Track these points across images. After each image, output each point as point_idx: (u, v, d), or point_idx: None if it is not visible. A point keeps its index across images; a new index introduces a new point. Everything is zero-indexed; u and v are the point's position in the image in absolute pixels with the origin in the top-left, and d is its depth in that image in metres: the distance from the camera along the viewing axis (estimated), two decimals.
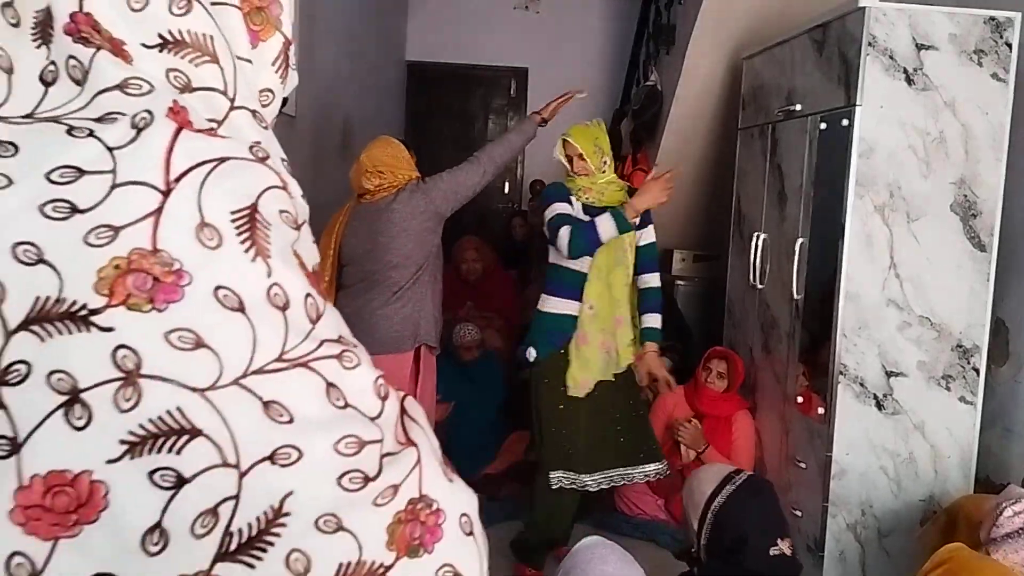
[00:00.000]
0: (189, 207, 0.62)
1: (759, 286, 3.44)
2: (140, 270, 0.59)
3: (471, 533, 0.73)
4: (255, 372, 0.62)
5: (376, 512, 0.66)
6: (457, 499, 0.72)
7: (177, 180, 0.63)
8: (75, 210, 0.59)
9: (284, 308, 0.63)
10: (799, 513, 3.05)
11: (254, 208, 0.65)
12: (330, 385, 0.66)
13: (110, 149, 0.61)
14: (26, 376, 0.57)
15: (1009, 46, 2.76)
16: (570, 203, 3.06)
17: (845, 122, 2.80)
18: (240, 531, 0.59)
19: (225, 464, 0.60)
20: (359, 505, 0.64)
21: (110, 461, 0.58)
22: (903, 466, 2.85)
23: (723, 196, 4.09)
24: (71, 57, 0.63)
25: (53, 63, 0.64)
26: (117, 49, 0.65)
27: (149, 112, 0.64)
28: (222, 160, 0.65)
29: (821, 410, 2.89)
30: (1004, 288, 2.95)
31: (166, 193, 0.62)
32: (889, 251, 2.79)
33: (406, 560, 0.66)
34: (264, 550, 0.58)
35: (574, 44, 6.82)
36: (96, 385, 0.58)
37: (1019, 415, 2.90)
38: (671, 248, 5.14)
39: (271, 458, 0.61)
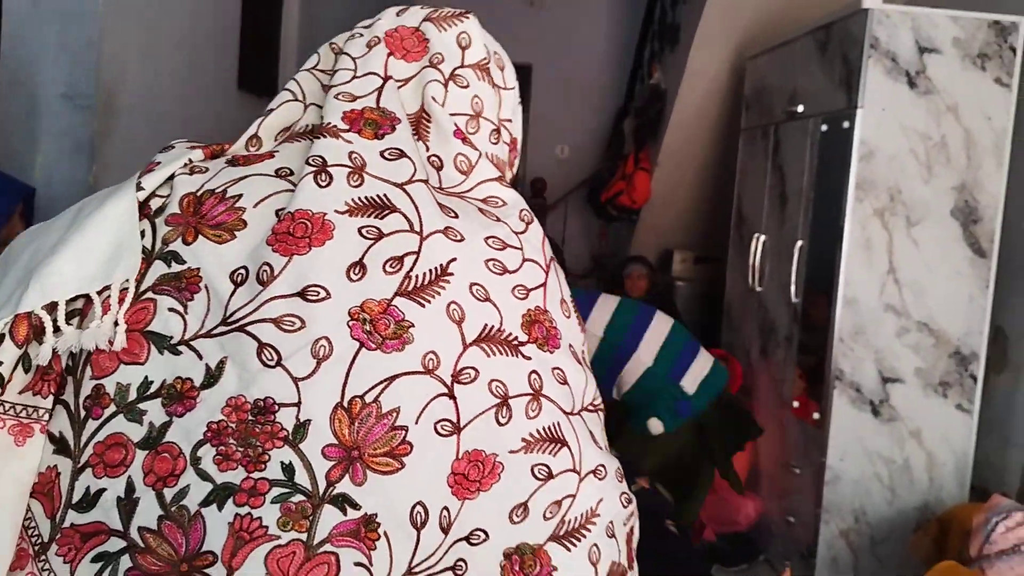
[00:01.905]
0: (555, 285, 0.84)
1: (758, 289, 3.41)
2: (539, 322, 0.80)
3: None
4: (584, 409, 0.83)
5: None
6: None
7: (548, 263, 0.85)
8: (505, 270, 0.80)
9: (580, 364, 0.85)
10: (792, 519, 3.02)
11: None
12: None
13: (516, 233, 0.84)
14: (474, 379, 0.74)
15: (1013, 51, 2.72)
16: None
17: (846, 124, 2.77)
18: (569, 521, 0.77)
19: (574, 470, 0.78)
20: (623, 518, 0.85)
21: (511, 452, 0.75)
22: (898, 473, 2.82)
23: (724, 197, 4.06)
24: (459, 154, 0.87)
25: (437, 156, 0.87)
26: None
27: (528, 212, 0.87)
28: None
29: (817, 415, 2.87)
30: (1004, 296, 2.92)
31: (546, 271, 0.84)
32: (888, 256, 2.76)
33: None
34: (578, 540, 0.77)
35: (578, 42, 6.79)
36: (518, 395, 0.76)
37: (1017, 424, 2.87)
38: (671, 249, 5.12)
39: (594, 472, 0.80)
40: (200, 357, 0.69)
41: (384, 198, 0.76)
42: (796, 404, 3.03)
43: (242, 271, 0.72)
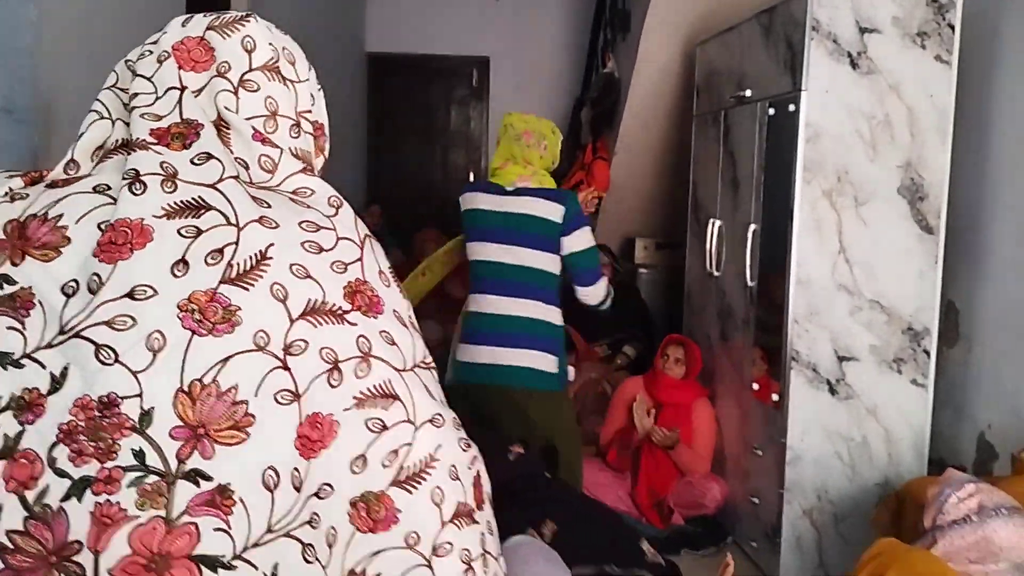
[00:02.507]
0: (372, 259, 0.92)
1: (716, 273, 3.43)
2: (360, 292, 0.88)
3: None
4: (416, 366, 0.91)
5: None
6: None
7: (363, 240, 0.93)
8: (322, 249, 0.88)
9: (406, 327, 0.94)
10: (756, 500, 3.05)
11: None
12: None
13: (327, 216, 0.92)
14: (305, 349, 0.82)
15: (952, 28, 2.75)
16: None
17: (792, 107, 2.79)
18: (408, 467, 0.86)
19: (409, 421, 0.87)
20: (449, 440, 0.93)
21: (345, 410, 0.83)
22: (857, 450, 2.86)
23: (682, 184, 4.07)
24: (262, 155, 0.93)
25: (241, 159, 0.94)
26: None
27: (337, 196, 0.96)
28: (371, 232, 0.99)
29: (776, 396, 2.89)
30: (953, 270, 2.96)
31: (361, 247, 0.92)
32: (838, 236, 2.79)
33: None
34: (419, 483, 0.86)
35: (535, 32, 6.77)
36: (348, 359, 0.84)
37: (971, 397, 2.91)
38: (633, 236, 5.14)
39: (431, 421, 0.89)
40: (43, 367, 0.76)
41: (199, 199, 0.84)
42: (756, 386, 3.06)
43: (72, 283, 0.79)
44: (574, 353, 3.95)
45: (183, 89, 0.91)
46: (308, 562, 0.81)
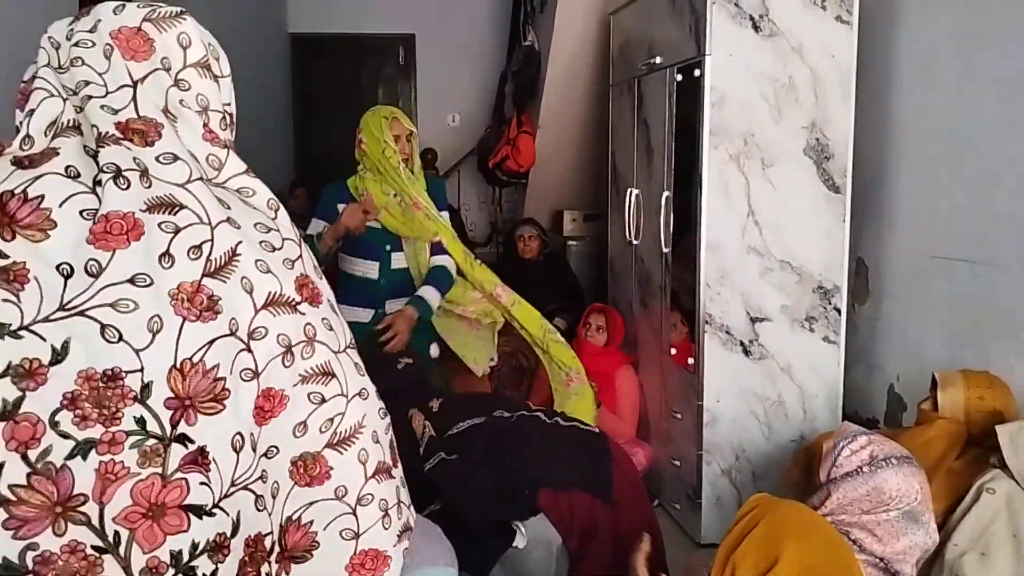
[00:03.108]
0: (308, 256, 1.06)
1: (635, 242, 3.45)
2: (306, 285, 1.02)
3: None
4: (347, 347, 1.08)
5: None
6: None
7: (299, 240, 1.06)
8: (274, 248, 1.00)
9: (338, 315, 1.12)
10: (678, 463, 3.09)
11: None
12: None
13: (270, 219, 1.03)
14: (265, 335, 0.96)
15: None
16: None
17: (697, 73, 2.80)
18: (340, 432, 1.05)
19: (342, 394, 1.04)
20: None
21: (293, 385, 0.99)
22: (773, 409, 2.91)
23: (605, 155, 4.08)
24: (210, 154, 1.02)
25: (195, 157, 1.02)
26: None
27: (274, 200, 1.07)
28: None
29: (691, 360, 2.92)
30: (860, 228, 3.02)
31: (300, 246, 1.05)
32: (747, 199, 2.82)
33: None
34: (349, 446, 1.05)
35: (459, 7, 6.70)
36: (298, 343, 0.98)
37: (881, 351, 2.98)
38: (560, 209, 5.14)
39: (359, 394, 1.09)
40: (43, 339, 0.84)
41: (171, 197, 0.93)
42: (674, 351, 3.09)
43: (66, 266, 0.86)
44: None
45: (135, 85, 0.98)
46: (259, 510, 0.97)
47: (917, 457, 2.10)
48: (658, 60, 3.14)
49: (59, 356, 0.84)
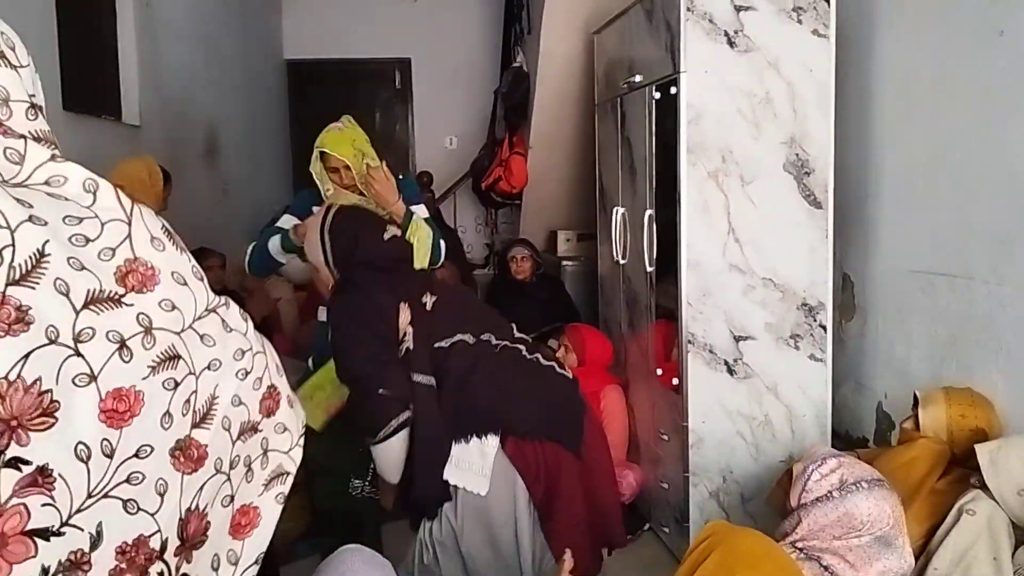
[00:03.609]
0: (142, 228, 0.99)
1: (622, 262, 3.41)
2: (133, 271, 0.97)
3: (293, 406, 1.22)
4: (196, 319, 1.03)
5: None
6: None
7: (130, 214, 0.99)
8: (88, 240, 0.94)
9: (186, 284, 1.04)
10: (666, 486, 3.04)
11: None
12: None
13: (85, 206, 0.96)
14: (93, 336, 0.91)
15: (827, 1, 2.75)
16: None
17: (673, 90, 2.78)
18: (199, 411, 1.03)
19: (191, 373, 1.02)
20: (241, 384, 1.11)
21: (144, 379, 0.96)
22: (760, 429, 2.85)
23: (594, 174, 4.06)
24: (6, 148, 0.94)
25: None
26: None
27: (92, 179, 0.99)
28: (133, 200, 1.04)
29: (676, 380, 2.88)
30: (845, 244, 2.97)
31: (129, 222, 0.98)
32: (727, 216, 2.78)
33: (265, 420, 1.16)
34: (211, 421, 1.04)
35: (454, 31, 6.73)
36: (133, 335, 0.95)
37: (868, 368, 2.92)
38: (555, 229, 5.12)
39: (207, 367, 1.04)
40: None
41: None
42: (659, 372, 3.04)
43: None
44: None
45: None
46: (131, 513, 0.95)
47: (899, 477, 2.06)
48: (638, 78, 3.12)
49: None
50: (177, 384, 1.00)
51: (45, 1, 3.15)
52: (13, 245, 0.85)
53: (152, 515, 0.97)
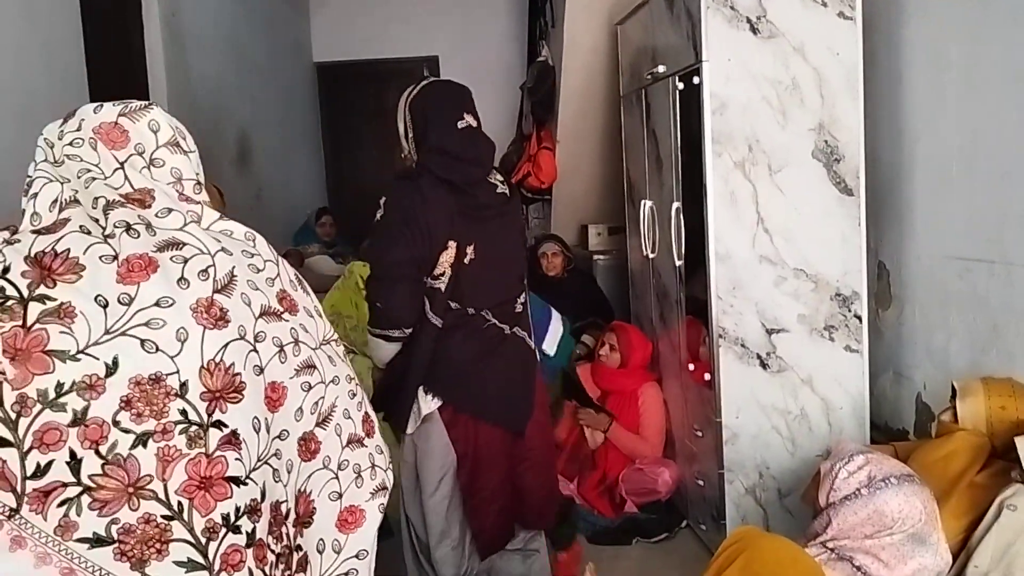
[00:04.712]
0: (284, 272, 1.28)
1: (651, 255, 3.37)
2: (285, 297, 1.25)
3: None
4: (322, 343, 1.30)
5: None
6: None
7: (277, 259, 1.28)
8: (259, 270, 1.23)
9: (313, 317, 1.35)
10: (702, 482, 3.00)
11: None
12: None
13: (251, 246, 1.26)
14: (265, 339, 1.18)
15: None
16: None
17: (696, 80, 2.73)
18: (323, 413, 1.30)
19: (322, 382, 1.29)
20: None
21: (291, 378, 1.22)
22: (795, 423, 2.79)
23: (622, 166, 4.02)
24: (189, 211, 1.25)
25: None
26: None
27: (250, 231, 1.29)
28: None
29: (708, 376, 2.83)
30: (879, 231, 2.90)
31: (277, 264, 1.28)
32: (755, 206, 2.72)
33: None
34: (328, 423, 1.31)
35: (480, 27, 6.70)
36: (288, 343, 1.21)
37: (906, 358, 2.85)
38: (585, 223, 5.07)
39: (332, 381, 1.33)
40: (97, 359, 1.05)
41: (174, 239, 1.15)
42: (691, 367, 3.00)
43: (102, 298, 1.06)
44: None
45: (122, 165, 1.20)
46: (276, 481, 1.19)
47: (937, 471, 2.00)
48: (661, 69, 3.07)
49: (111, 369, 1.05)
50: (311, 387, 1.24)
51: (72, 16, 3.18)
52: (214, 266, 1.15)
53: (284, 487, 1.20)
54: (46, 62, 2.98)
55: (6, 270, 1.07)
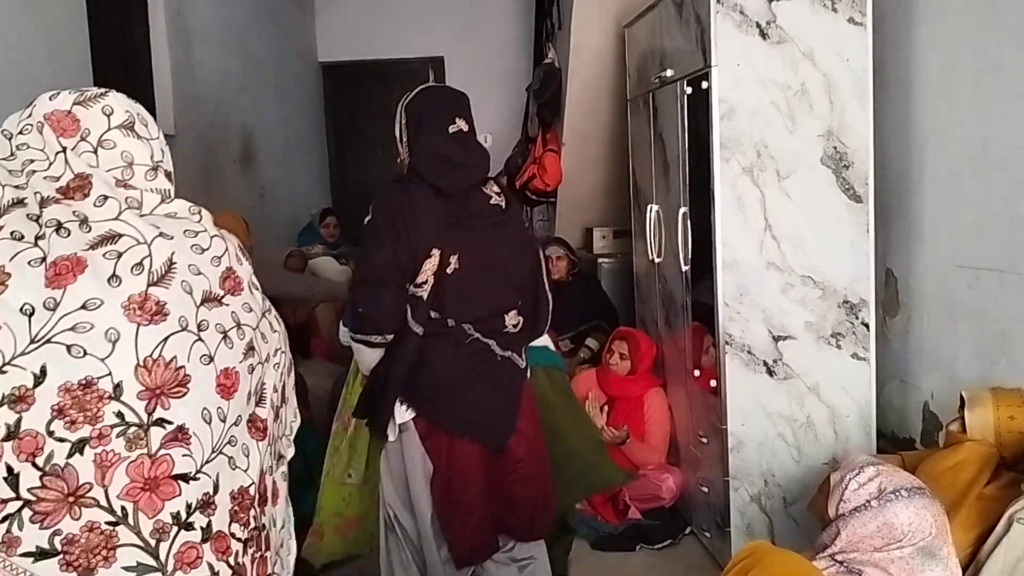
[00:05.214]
0: (232, 247, 1.24)
1: (657, 260, 3.35)
2: (229, 277, 1.19)
3: None
4: (261, 318, 1.26)
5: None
6: None
7: (221, 233, 1.23)
8: (203, 250, 1.17)
9: (254, 291, 1.29)
10: (706, 489, 2.98)
11: None
12: None
13: (196, 221, 1.21)
14: (208, 327, 1.14)
15: None
16: None
17: (705, 84, 2.71)
18: (260, 392, 1.27)
19: (260, 362, 1.24)
20: None
21: (240, 362, 1.18)
22: (801, 431, 2.78)
23: (628, 169, 4.00)
24: (128, 196, 1.20)
25: None
26: None
27: (193, 205, 1.24)
28: None
29: (713, 382, 2.81)
30: (888, 238, 2.88)
31: (224, 239, 1.23)
32: (763, 212, 2.71)
33: None
34: (264, 400, 1.26)
35: (486, 28, 6.69)
36: (230, 328, 1.17)
37: (914, 367, 2.83)
38: (590, 227, 5.06)
39: (266, 359, 1.28)
40: (24, 369, 1.02)
41: (111, 231, 1.11)
42: (697, 373, 2.98)
43: (27, 306, 1.03)
44: None
45: (64, 150, 1.16)
46: (234, 469, 1.16)
47: (945, 482, 1.98)
48: (669, 73, 3.05)
49: (39, 379, 1.02)
50: (253, 369, 1.21)
51: (78, 12, 3.17)
52: (150, 256, 1.11)
53: (246, 471, 1.18)
54: (50, 55, 2.96)
55: None
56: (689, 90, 2.86)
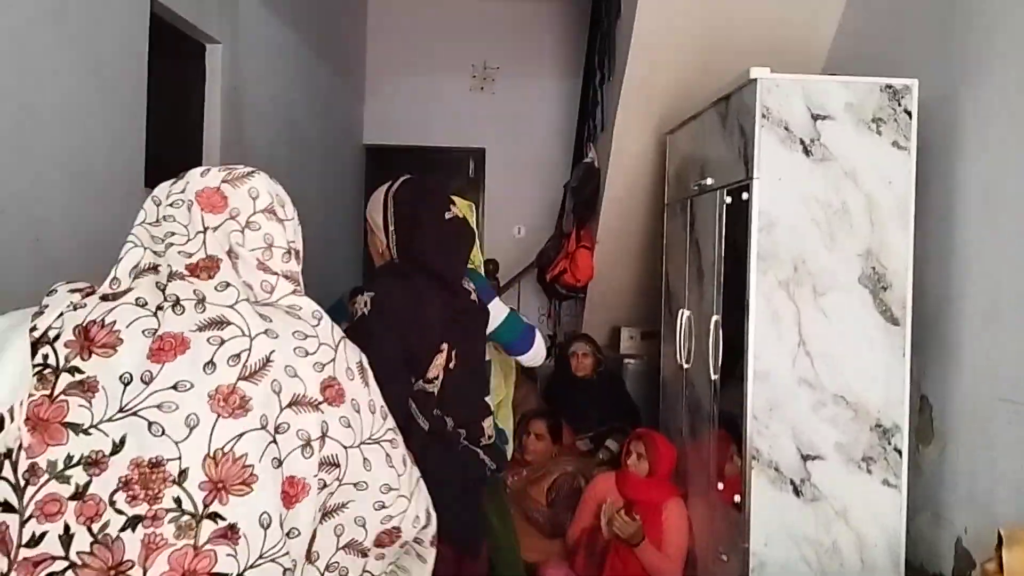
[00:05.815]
0: (343, 359, 1.23)
1: (685, 366, 3.31)
2: (331, 386, 1.18)
3: None
4: (362, 443, 1.22)
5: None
6: None
7: (337, 344, 1.23)
8: (307, 353, 1.17)
9: (359, 412, 1.25)
10: None
11: None
12: None
13: (312, 326, 1.22)
14: (287, 430, 1.12)
15: (908, 113, 2.68)
16: None
17: (745, 196, 2.72)
18: (334, 517, 1.25)
19: (338, 479, 1.20)
20: None
21: (314, 475, 1.16)
22: (826, 556, 2.67)
23: (660, 273, 4.00)
24: (263, 280, 1.25)
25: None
26: None
27: (318, 311, 1.26)
28: None
29: (738, 498, 2.73)
30: (925, 363, 2.82)
31: (335, 350, 1.22)
32: (797, 327, 2.67)
33: None
34: (331, 518, 1.24)
35: (528, 123, 6.84)
36: (316, 438, 1.15)
37: (947, 499, 2.73)
38: (618, 326, 5.04)
39: (356, 485, 1.24)
40: (107, 435, 1.05)
41: (222, 317, 1.13)
42: (720, 486, 2.90)
43: (127, 375, 1.06)
44: (558, 444, 3.82)
45: (206, 230, 1.19)
46: None
47: None
48: (709, 181, 3.08)
49: (117, 448, 1.05)
50: (326, 486, 1.18)
51: (138, 78, 3.28)
52: (250, 350, 1.12)
53: None
54: (105, 117, 3.05)
55: (56, 338, 1.09)
56: (729, 199, 2.87)
